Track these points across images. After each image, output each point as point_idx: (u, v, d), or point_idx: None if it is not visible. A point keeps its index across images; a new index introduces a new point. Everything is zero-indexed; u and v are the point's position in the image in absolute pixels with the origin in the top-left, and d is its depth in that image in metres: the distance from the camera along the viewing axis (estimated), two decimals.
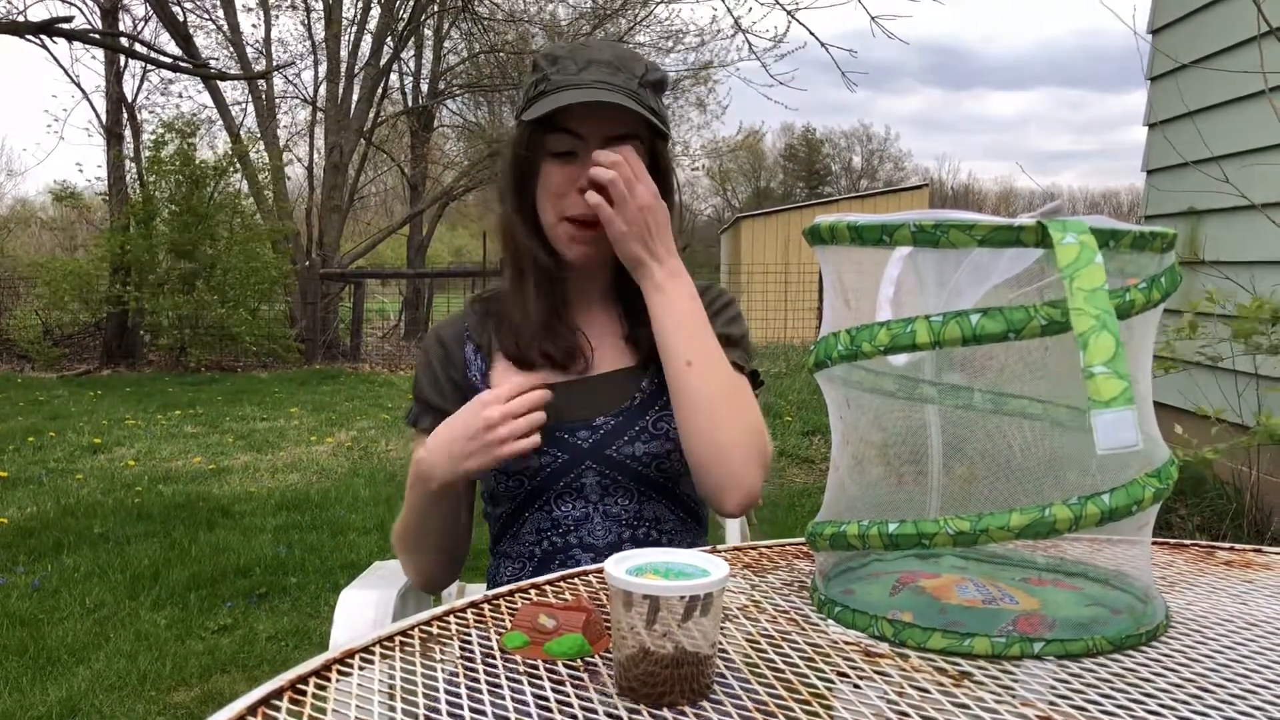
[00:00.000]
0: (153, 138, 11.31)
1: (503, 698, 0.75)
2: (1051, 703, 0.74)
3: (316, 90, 14.44)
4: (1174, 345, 3.56)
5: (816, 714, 0.72)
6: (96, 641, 3.20)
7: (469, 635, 0.88)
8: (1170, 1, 4.89)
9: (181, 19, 12.04)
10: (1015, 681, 0.78)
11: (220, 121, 12.78)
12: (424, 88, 15.39)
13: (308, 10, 14.48)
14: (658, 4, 13.41)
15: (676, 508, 1.32)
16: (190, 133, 11.11)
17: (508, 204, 1.33)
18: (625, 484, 1.28)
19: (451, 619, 0.92)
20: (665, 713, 0.73)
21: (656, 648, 0.74)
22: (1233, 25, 4.19)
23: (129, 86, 12.60)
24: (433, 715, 0.74)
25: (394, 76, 14.74)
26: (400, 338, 14.01)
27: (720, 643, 0.83)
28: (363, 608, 1.36)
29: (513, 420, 1.15)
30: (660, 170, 1.31)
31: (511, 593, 0.99)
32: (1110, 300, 0.80)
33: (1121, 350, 0.73)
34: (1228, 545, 1.17)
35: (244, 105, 13.96)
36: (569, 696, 0.75)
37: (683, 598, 0.74)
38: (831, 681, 0.78)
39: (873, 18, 8.39)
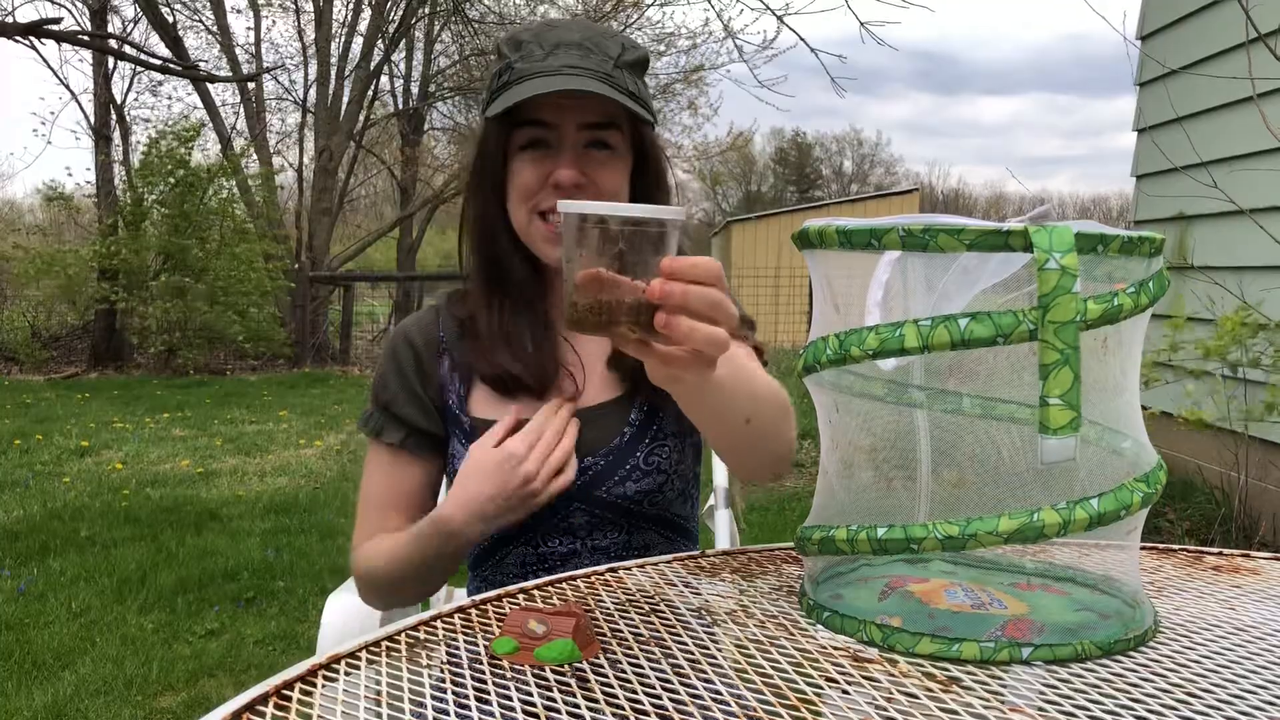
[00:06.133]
0: (146, 141, 11.27)
1: (490, 704, 0.75)
2: (1040, 708, 0.74)
3: (307, 93, 14.42)
4: (1167, 353, 3.57)
5: None
6: (83, 646, 3.18)
7: (456, 641, 0.88)
8: (1160, 7, 4.91)
9: (171, 20, 12.02)
10: (1004, 687, 0.78)
11: (210, 124, 12.76)
12: (414, 90, 15.38)
13: (298, 12, 14.48)
14: (650, 5, 13.41)
15: (666, 530, 1.27)
16: (190, 137, 11.08)
17: (475, 205, 1.24)
18: (615, 520, 1.23)
19: (439, 624, 0.92)
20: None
21: (603, 272, 0.76)
22: (1222, 31, 4.21)
23: (118, 88, 12.59)
24: None
25: (384, 79, 14.73)
26: None
27: None
28: (350, 613, 1.36)
29: (547, 461, 1.12)
30: (648, 159, 1.22)
31: (500, 598, 0.98)
32: (1098, 305, 0.81)
33: (1077, 383, 0.79)
34: (1216, 550, 1.17)
35: (234, 107, 13.94)
36: (557, 703, 0.75)
37: (637, 223, 0.77)
38: (820, 687, 0.78)
39: (862, 24, 8.40)
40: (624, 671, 0.80)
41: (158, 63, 8.89)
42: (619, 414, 1.23)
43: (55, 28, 6.75)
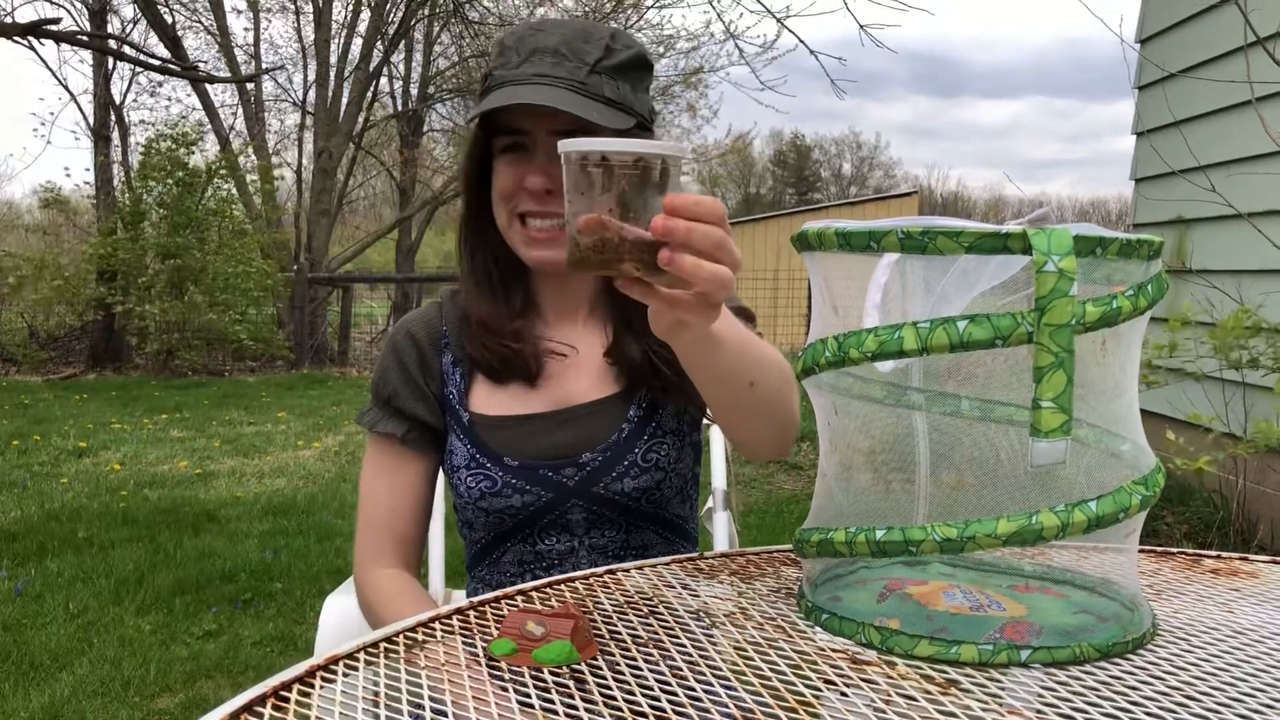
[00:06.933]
0: (145, 143, 11.27)
1: (488, 705, 0.75)
2: (1038, 710, 0.74)
3: (306, 94, 14.43)
4: (1160, 355, 3.57)
5: None
6: (80, 647, 3.17)
7: (455, 642, 0.88)
8: (1158, 11, 4.91)
9: (170, 21, 12.02)
10: (1002, 690, 0.78)
11: (209, 125, 12.76)
12: (413, 92, 15.38)
13: (298, 13, 14.49)
14: (650, 8, 13.41)
15: (664, 529, 1.28)
16: (193, 140, 11.08)
17: (465, 203, 1.27)
18: (613, 517, 1.23)
19: (437, 625, 0.92)
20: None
21: (604, 210, 0.75)
22: (1220, 35, 4.21)
23: (117, 89, 12.58)
24: None
25: (384, 80, 14.74)
26: None
27: None
28: (348, 614, 1.35)
29: None
30: None
31: (498, 599, 0.98)
32: (1096, 307, 0.81)
33: (1070, 387, 0.79)
34: (1214, 553, 1.17)
35: (233, 109, 13.95)
36: (555, 704, 0.75)
37: (638, 160, 0.75)
38: (818, 689, 0.78)
39: (861, 26, 8.40)
40: (622, 673, 0.80)
41: (157, 63, 8.90)
42: (618, 410, 1.24)
43: (54, 28, 6.75)
